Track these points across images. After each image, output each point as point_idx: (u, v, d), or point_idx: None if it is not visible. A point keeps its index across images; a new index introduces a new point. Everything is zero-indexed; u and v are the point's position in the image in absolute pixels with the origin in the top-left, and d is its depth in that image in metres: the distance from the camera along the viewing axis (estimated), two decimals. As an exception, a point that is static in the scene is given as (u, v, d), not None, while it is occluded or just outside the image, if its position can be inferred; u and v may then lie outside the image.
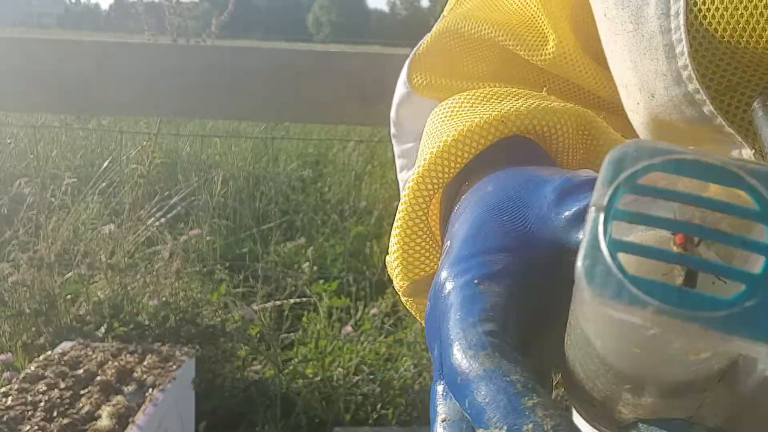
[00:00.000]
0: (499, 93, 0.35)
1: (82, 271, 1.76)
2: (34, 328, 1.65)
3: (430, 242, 0.34)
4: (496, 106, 0.33)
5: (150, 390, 1.21)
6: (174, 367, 1.29)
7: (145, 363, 1.30)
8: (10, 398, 1.16)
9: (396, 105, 0.49)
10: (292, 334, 1.95)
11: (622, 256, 0.16)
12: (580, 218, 0.24)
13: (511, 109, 0.32)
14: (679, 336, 0.16)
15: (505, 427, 0.19)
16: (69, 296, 1.76)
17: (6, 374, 1.42)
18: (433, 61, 0.47)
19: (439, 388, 0.23)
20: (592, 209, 0.17)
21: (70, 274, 1.79)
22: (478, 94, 0.36)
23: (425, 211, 0.33)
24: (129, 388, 1.20)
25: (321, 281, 2.20)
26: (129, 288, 1.80)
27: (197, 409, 1.43)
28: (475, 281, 0.24)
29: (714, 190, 0.17)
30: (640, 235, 0.19)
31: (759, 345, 0.15)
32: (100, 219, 2.14)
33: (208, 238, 2.39)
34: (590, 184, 0.24)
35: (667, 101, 0.30)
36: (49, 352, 1.38)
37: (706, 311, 0.15)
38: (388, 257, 0.36)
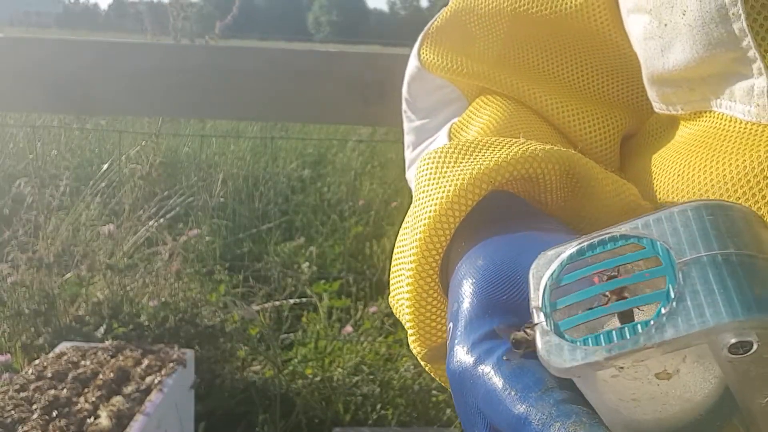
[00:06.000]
0: (483, 143, 0.34)
1: (82, 271, 1.76)
2: (33, 329, 1.65)
3: (444, 308, 0.33)
4: (482, 159, 0.33)
5: (149, 390, 1.21)
6: (173, 367, 1.28)
7: (145, 363, 1.29)
8: (8, 399, 1.16)
9: (407, 82, 0.49)
10: (291, 334, 1.94)
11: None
12: None
13: (499, 160, 0.32)
14: (637, 363, 0.19)
15: None
16: (68, 297, 1.76)
17: (5, 375, 1.41)
18: (444, 38, 0.46)
19: None
20: (533, 311, 0.21)
21: (69, 274, 1.79)
22: (461, 146, 0.35)
23: (435, 278, 0.33)
24: (128, 389, 1.20)
25: (321, 281, 2.20)
26: (128, 288, 1.80)
27: (196, 409, 1.43)
28: (504, 357, 0.24)
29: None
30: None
31: (694, 334, 0.17)
32: (100, 219, 2.14)
33: (207, 238, 2.39)
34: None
35: (697, 18, 0.29)
36: (48, 353, 1.38)
37: (643, 333, 0.18)
38: (395, 311, 0.36)
